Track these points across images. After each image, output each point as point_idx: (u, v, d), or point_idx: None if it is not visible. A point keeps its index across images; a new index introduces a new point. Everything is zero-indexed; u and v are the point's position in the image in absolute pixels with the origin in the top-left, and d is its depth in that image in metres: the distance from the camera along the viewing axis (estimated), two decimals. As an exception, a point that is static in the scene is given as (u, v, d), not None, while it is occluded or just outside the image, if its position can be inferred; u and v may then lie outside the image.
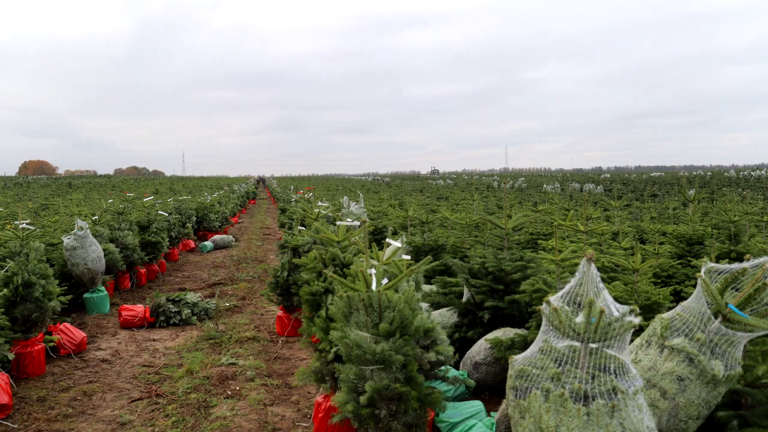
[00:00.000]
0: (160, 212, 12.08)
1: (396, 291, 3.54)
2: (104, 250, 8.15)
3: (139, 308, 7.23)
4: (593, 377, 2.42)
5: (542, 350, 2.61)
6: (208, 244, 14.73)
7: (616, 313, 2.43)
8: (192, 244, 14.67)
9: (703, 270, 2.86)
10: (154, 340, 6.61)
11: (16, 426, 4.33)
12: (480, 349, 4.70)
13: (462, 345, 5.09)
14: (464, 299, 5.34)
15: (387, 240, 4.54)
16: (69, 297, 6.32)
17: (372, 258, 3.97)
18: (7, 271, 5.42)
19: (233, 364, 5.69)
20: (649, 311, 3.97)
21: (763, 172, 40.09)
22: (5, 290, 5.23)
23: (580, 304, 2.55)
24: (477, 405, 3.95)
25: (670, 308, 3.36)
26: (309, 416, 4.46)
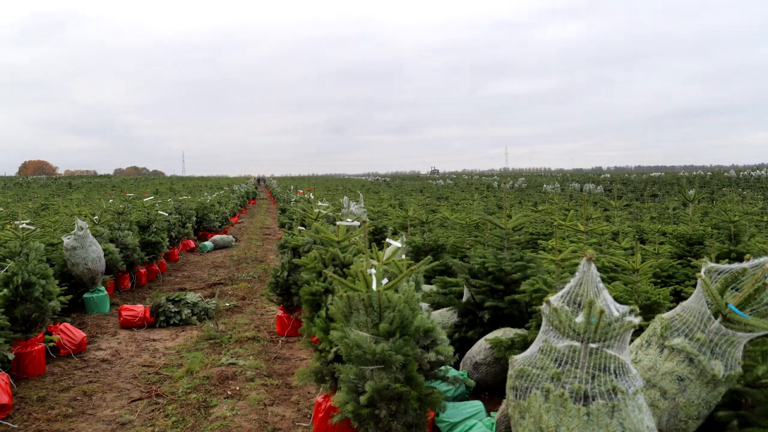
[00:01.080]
0: (160, 212, 12.08)
1: (396, 291, 3.54)
2: (104, 250, 8.15)
3: (139, 308, 7.23)
4: (593, 377, 2.42)
5: (542, 350, 2.61)
6: (208, 244, 14.73)
7: (616, 313, 2.43)
8: (192, 244, 14.67)
9: (703, 270, 2.86)
10: (154, 340, 6.61)
11: (16, 426, 4.33)
12: (480, 349, 4.70)
13: (462, 345, 5.09)
14: (464, 299, 5.34)
15: (387, 240, 4.54)
16: (69, 297, 6.33)
17: (372, 258, 3.97)
18: (7, 271, 5.42)
19: (233, 364, 5.69)
20: (649, 311, 3.97)
21: (763, 172, 40.09)
22: (5, 290, 5.23)
23: (580, 304, 2.55)
24: (477, 405, 3.95)
25: (670, 308, 3.36)
26: (309, 416, 4.46)
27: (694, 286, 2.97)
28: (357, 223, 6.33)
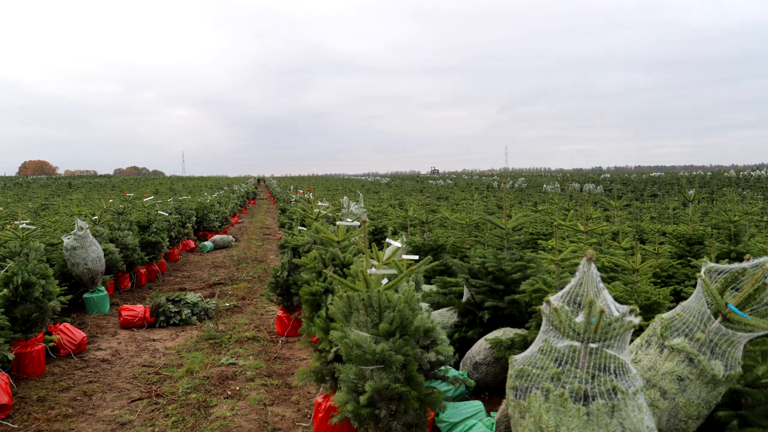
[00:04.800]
0: (160, 212, 12.08)
1: (396, 291, 3.54)
2: (104, 250, 8.15)
3: (139, 308, 7.23)
4: (593, 377, 2.42)
5: (542, 350, 2.61)
6: (208, 244, 14.73)
7: (616, 313, 2.43)
8: (192, 244, 14.68)
9: (703, 270, 2.86)
10: (154, 340, 6.61)
11: (16, 426, 4.33)
12: (480, 349, 4.70)
13: (462, 345, 5.09)
14: (464, 299, 5.34)
15: (387, 240, 4.54)
16: (69, 297, 6.32)
17: (372, 258, 3.97)
18: (7, 271, 5.42)
19: (233, 364, 5.69)
20: (649, 311, 3.97)
21: (763, 172, 40.09)
22: (5, 290, 5.23)
23: (580, 304, 2.55)
24: (477, 405, 3.95)
25: (670, 308, 3.36)
26: (309, 416, 4.46)
27: (694, 286, 2.97)
28: (357, 223, 6.33)
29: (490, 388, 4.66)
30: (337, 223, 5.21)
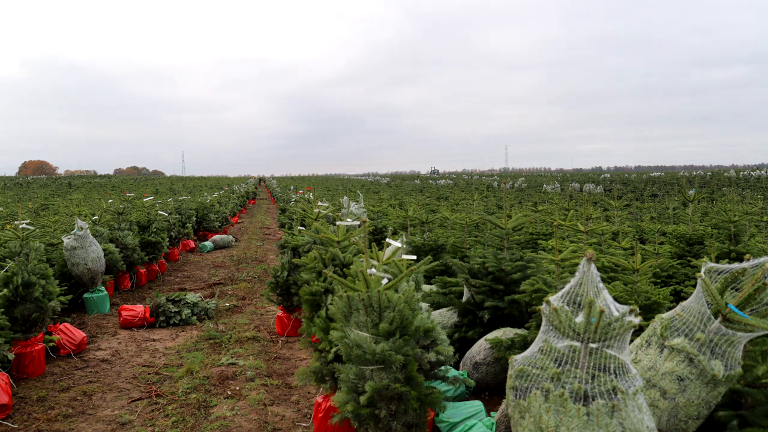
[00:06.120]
0: (160, 212, 12.08)
1: (396, 291, 3.54)
2: (104, 250, 8.15)
3: (139, 308, 7.23)
4: (593, 377, 2.42)
5: (542, 350, 2.61)
6: (208, 244, 14.74)
7: (616, 313, 2.43)
8: (192, 244, 14.68)
9: (703, 270, 2.86)
10: (154, 340, 6.61)
11: (16, 426, 4.33)
12: (480, 349, 4.70)
13: (462, 345, 5.09)
14: (464, 299, 5.34)
15: (387, 240, 4.54)
16: (69, 297, 6.32)
17: (372, 258, 3.97)
18: (7, 271, 5.42)
19: (233, 364, 5.69)
20: (649, 311, 3.97)
21: (763, 172, 40.10)
22: (5, 290, 5.23)
23: (580, 304, 2.55)
24: (477, 405, 3.95)
25: (670, 308, 3.36)
26: (309, 416, 4.46)
27: (694, 286, 2.98)
28: (357, 223, 6.33)
29: (490, 388, 4.66)
30: (337, 223, 5.21)
